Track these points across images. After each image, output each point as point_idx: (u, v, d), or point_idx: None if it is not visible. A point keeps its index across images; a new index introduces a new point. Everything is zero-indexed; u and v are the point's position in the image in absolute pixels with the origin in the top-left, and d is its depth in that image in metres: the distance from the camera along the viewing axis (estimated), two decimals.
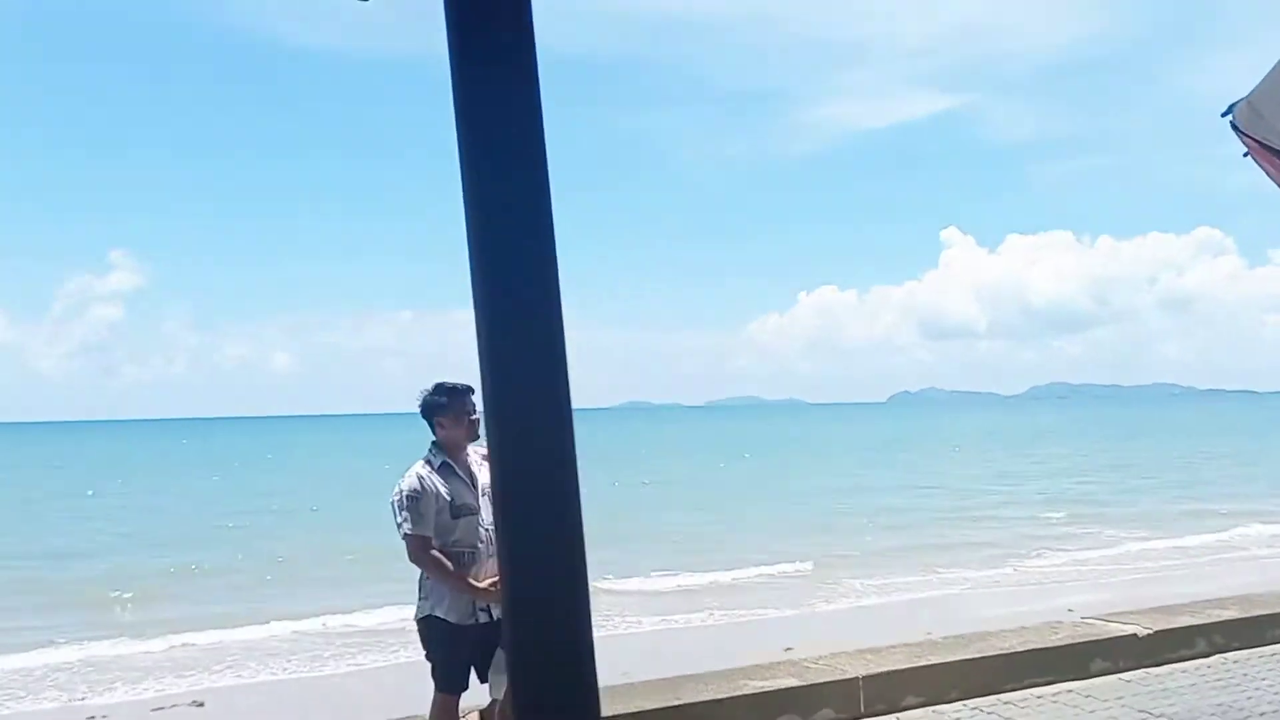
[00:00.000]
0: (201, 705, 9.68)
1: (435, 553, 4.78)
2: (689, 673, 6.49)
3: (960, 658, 6.74)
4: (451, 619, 4.81)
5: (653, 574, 16.46)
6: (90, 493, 39.17)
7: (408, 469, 4.95)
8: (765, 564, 17.10)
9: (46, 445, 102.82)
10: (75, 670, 11.37)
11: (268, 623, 13.11)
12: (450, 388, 4.97)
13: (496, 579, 4.77)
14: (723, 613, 13.50)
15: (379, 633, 12.57)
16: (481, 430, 5.47)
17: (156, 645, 12.30)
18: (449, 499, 4.82)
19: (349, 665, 11.23)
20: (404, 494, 4.79)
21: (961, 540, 20.34)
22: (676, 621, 13.02)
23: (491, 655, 4.84)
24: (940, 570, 16.73)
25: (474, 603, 4.82)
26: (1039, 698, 6.64)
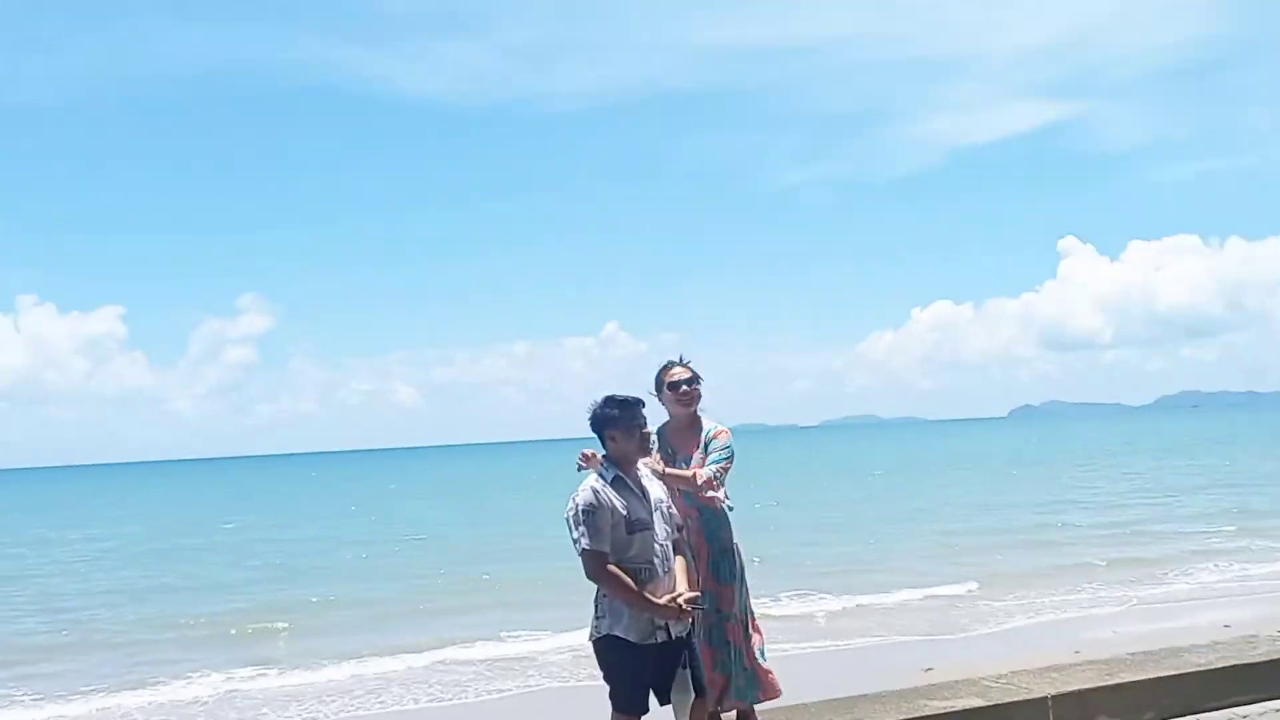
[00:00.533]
0: None
1: (614, 568, 4.51)
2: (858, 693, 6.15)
3: (1154, 675, 6.24)
4: (631, 638, 4.54)
5: (782, 596, 16.04)
6: (229, 525, 40.39)
7: (580, 484, 4.72)
8: (908, 586, 16.50)
9: (186, 482, 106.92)
10: (223, 699, 11.51)
11: (405, 652, 13.14)
12: (621, 400, 4.74)
13: (675, 595, 4.58)
14: (864, 638, 13.03)
15: (515, 659, 12.55)
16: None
17: (300, 675, 12.43)
18: (624, 514, 4.57)
19: (490, 690, 11.14)
20: (579, 508, 4.56)
21: (1111, 556, 19.38)
22: (814, 645, 12.61)
23: (671, 675, 4.59)
24: (1088, 588, 15.93)
25: (653, 621, 4.55)
26: (1244, 717, 6.10)
